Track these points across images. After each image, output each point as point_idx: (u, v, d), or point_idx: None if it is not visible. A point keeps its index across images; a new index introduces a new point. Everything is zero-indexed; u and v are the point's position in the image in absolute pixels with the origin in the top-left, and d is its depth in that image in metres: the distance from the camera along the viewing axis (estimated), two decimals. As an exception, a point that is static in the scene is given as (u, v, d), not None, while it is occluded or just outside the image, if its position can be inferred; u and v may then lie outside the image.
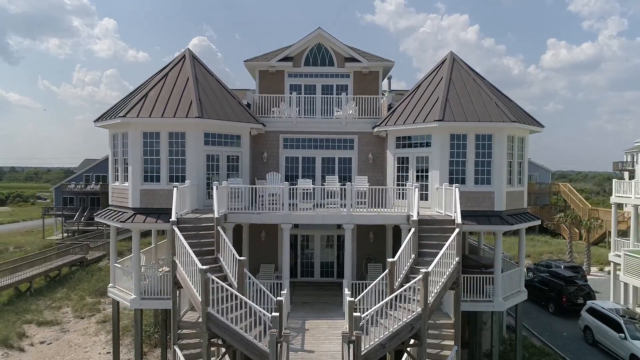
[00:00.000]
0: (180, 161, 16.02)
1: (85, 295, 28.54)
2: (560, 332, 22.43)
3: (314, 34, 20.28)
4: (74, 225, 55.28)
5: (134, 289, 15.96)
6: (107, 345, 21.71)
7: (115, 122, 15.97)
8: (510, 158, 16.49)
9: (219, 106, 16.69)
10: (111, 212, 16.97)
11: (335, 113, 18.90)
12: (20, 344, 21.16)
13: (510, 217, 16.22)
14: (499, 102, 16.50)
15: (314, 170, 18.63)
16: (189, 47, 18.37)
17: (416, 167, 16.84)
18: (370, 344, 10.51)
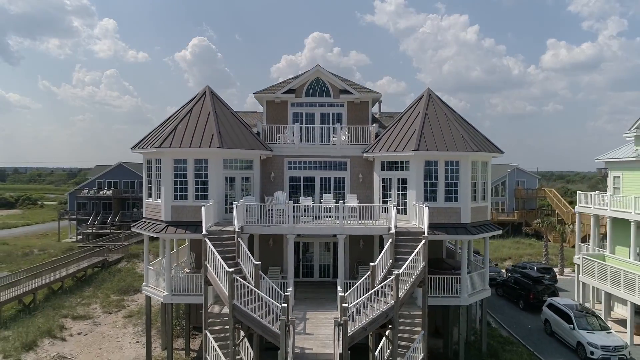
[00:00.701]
0: (204, 182, 19.60)
1: (109, 293, 32.03)
2: (525, 325, 25.99)
3: (314, 70, 23.83)
4: (89, 229, 58.83)
5: (166, 287, 19.52)
6: (135, 336, 25.25)
7: (151, 151, 19.55)
8: (474, 179, 20.07)
9: (235, 137, 20.28)
10: (146, 223, 20.56)
11: (331, 139, 22.49)
12: (61, 335, 24.71)
13: (473, 228, 19.78)
14: (465, 133, 20.08)
15: (314, 187, 22.22)
16: (209, 86, 21.98)
17: (397, 187, 20.43)
18: (355, 327, 14.09)
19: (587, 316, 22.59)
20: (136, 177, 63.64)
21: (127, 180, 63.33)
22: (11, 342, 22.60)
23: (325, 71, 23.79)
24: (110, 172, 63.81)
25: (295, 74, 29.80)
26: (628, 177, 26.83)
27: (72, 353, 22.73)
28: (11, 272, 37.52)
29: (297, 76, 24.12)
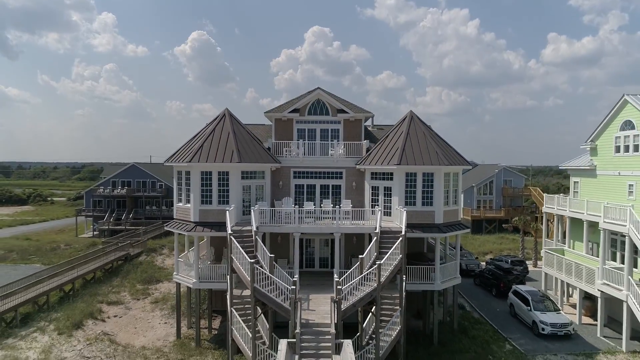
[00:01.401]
0: (225, 190, 24.01)
1: (135, 283, 36.43)
2: (495, 309, 30.49)
3: (315, 93, 28.15)
4: (105, 226, 63.29)
5: (194, 275, 23.97)
6: (163, 318, 29.71)
7: (182, 164, 23.95)
8: (446, 187, 24.49)
9: (251, 152, 24.68)
10: (177, 223, 24.99)
11: (330, 152, 26.88)
12: (101, 316, 29.19)
13: (445, 227, 24.22)
14: (439, 150, 24.50)
15: (315, 193, 26.66)
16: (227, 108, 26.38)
17: (384, 193, 24.85)
18: (347, 304, 18.54)
19: (542, 300, 27.08)
20: (148, 176, 68.13)
21: (140, 180, 67.75)
22: (62, 321, 27.05)
23: (324, 94, 28.11)
24: (124, 172, 68.20)
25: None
26: (585, 183, 31.26)
27: (113, 331, 27.21)
28: (44, 264, 42.13)
29: (301, 97, 28.44)
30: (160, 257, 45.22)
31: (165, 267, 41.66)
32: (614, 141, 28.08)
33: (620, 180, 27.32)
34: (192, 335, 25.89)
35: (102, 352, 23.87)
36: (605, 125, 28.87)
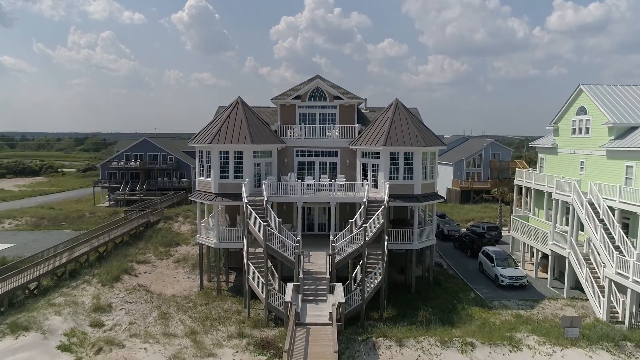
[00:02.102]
0: (240, 167, 28.85)
1: (157, 246, 41.66)
2: (467, 267, 35.80)
3: (315, 82, 32.53)
4: (120, 196, 68.45)
5: (216, 237, 29.09)
6: (186, 274, 35.01)
7: (204, 145, 28.74)
8: (424, 164, 29.30)
9: (260, 135, 29.41)
10: (200, 194, 29.95)
11: (327, 134, 31.57)
12: (134, 272, 34.53)
13: (422, 198, 29.18)
14: (419, 133, 29.20)
15: (315, 169, 31.51)
16: (240, 97, 30.93)
17: (372, 169, 29.70)
18: (339, 257, 23.67)
19: (505, 259, 32.32)
20: (159, 150, 72.85)
21: (151, 153, 72.50)
22: (103, 276, 32.34)
23: (323, 82, 32.53)
24: (136, 146, 72.87)
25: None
26: (549, 159, 36.07)
27: (145, 284, 32.57)
28: (74, 230, 47.40)
29: (303, 85, 32.85)
30: (177, 224, 50.44)
31: (181, 232, 46.90)
32: (571, 124, 32.73)
33: (575, 158, 32.12)
34: (212, 287, 31.25)
35: (141, 298, 29.23)
36: (565, 109, 33.45)
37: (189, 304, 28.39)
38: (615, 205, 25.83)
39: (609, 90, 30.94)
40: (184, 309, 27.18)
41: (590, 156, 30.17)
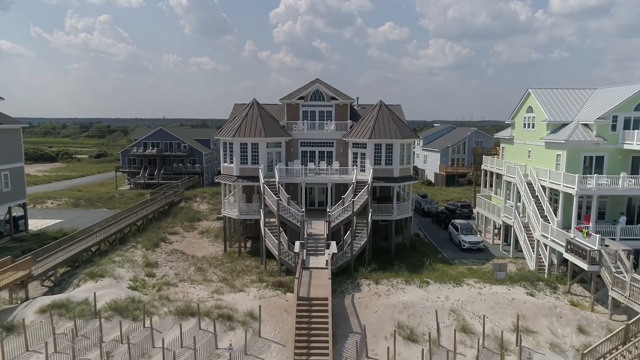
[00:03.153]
0: (256, 155, 36.60)
1: (183, 221, 49.53)
2: (440, 236, 43.78)
3: (315, 85, 40.09)
4: (140, 179, 76.32)
5: (237, 210, 36.98)
6: (210, 242, 42.93)
7: (228, 138, 36.48)
8: (402, 153, 37.04)
9: (272, 129, 37.12)
10: (224, 177, 37.78)
11: (325, 128, 39.25)
12: (169, 240, 42.46)
13: (400, 179, 36.99)
14: (397, 128, 36.89)
15: (315, 157, 39.29)
16: (255, 99, 38.57)
17: (360, 157, 37.46)
18: (334, 224, 31.62)
19: (468, 228, 40.29)
20: (173, 139, 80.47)
21: (167, 142, 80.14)
22: (145, 242, 40.23)
23: (322, 86, 40.09)
24: (153, 135, 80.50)
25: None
26: (508, 148, 43.80)
27: (179, 249, 40.54)
28: (108, 209, 55.34)
29: (305, 87, 40.41)
30: (196, 204, 58.36)
31: (201, 210, 54.82)
32: (522, 120, 40.41)
33: (525, 147, 39.84)
34: (234, 250, 39.23)
35: (179, 258, 37.21)
36: (519, 108, 41.10)
37: (217, 262, 36.34)
38: (546, 185, 33.72)
39: (550, 93, 38.57)
40: (215, 265, 35.14)
41: (535, 146, 37.90)
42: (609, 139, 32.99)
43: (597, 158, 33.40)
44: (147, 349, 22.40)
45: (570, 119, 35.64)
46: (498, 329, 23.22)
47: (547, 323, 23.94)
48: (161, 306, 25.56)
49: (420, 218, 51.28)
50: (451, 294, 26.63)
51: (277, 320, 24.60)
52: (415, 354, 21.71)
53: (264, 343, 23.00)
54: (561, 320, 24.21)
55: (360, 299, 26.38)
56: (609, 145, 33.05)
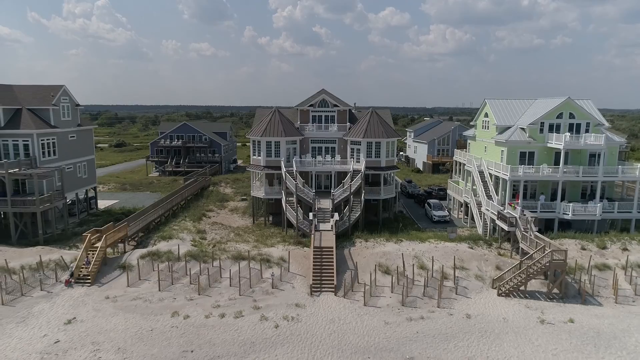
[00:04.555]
0: (278, 150, 48.80)
1: (214, 201, 61.80)
2: (418, 213, 56.16)
3: (322, 95, 52.10)
4: (169, 167, 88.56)
5: (264, 192, 49.30)
6: (239, 217, 55.29)
7: (257, 137, 48.68)
8: (387, 149, 49.22)
9: (289, 130, 49.28)
10: (253, 167, 50.08)
11: (329, 129, 51.37)
12: (208, 216, 54.75)
13: (386, 168, 49.23)
14: (384, 130, 49.01)
15: (322, 151, 51.47)
16: (277, 108, 50.66)
17: (356, 151, 49.64)
18: (336, 201, 43.94)
19: (439, 206, 52.66)
20: (196, 132, 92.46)
21: (190, 134, 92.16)
22: (191, 217, 52.51)
23: (327, 96, 52.05)
24: (178, 129, 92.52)
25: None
26: (472, 144, 55.94)
27: (217, 221, 52.90)
28: (151, 192, 67.64)
29: (314, 97, 52.36)
30: (221, 188, 70.72)
31: (227, 193, 67.18)
32: (481, 122, 52.48)
33: (482, 144, 51.95)
34: (260, 222, 51.55)
35: (220, 228, 49.48)
36: (479, 113, 53.14)
37: (249, 230, 48.68)
38: (493, 173, 45.95)
39: (501, 102, 50.59)
40: (248, 232, 47.46)
41: (489, 143, 50.01)
42: (537, 139, 45.16)
43: (529, 153, 45.62)
44: (217, 279, 34.85)
45: (512, 123, 47.76)
46: (443, 266, 35.63)
47: (476, 264, 36.39)
48: (221, 254, 38.00)
49: (405, 199, 63.62)
50: (416, 247, 39.05)
51: (299, 262, 37.06)
52: (388, 281, 34.15)
53: (291, 275, 35.45)
54: (486, 262, 36.66)
55: (354, 250, 38.83)
56: (538, 144, 45.23)
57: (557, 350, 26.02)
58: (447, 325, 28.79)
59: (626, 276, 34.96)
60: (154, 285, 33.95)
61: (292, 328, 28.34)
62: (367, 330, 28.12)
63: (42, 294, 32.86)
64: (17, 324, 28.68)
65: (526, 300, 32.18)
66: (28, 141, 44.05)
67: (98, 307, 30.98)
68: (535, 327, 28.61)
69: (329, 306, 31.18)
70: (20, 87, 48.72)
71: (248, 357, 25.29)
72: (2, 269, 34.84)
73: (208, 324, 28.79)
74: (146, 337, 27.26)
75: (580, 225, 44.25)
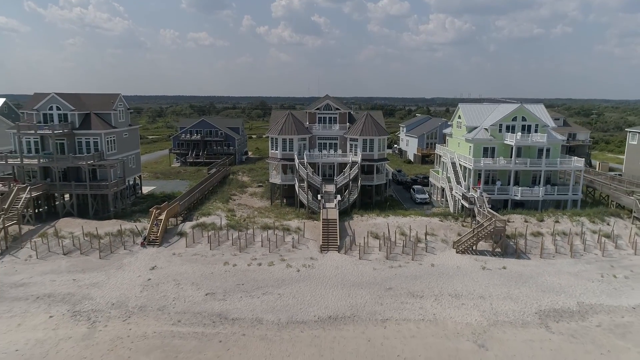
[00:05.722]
0: (291, 145, 60.99)
1: (236, 187, 74.07)
2: (405, 197, 68.52)
3: (326, 100, 64.17)
4: (190, 159, 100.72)
5: (280, 179, 61.60)
6: (258, 200, 67.57)
7: (274, 135, 60.89)
8: (379, 144, 61.43)
9: (301, 129, 61.46)
10: (272, 159, 62.33)
11: (332, 128, 63.51)
12: (233, 199, 66.95)
13: (377, 160, 61.47)
14: (376, 129, 61.19)
15: (327, 146, 63.68)
16: (290, 111, 62.74)
17: (354, 147, 61.86)
18: (338, 185, 56.27)
19: (421, 190, 65.03)
20: (213, 127, 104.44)
21: (208, 129, 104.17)
22: (220, 200, 64.66)
23: (330, 101, 64.14)
24: (197, 124, 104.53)
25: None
26: (450, 141, 68.18)
27: (242, 203, 65.16)
28: (181, 180, 79.87)
29: (320, 101, 64.49)
30: (239, 177, 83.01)
31: (245, 181, 79.47)
32: (456, 123, 64.66)
33: (457, 140, 64.15)
34: (277, 204, 63.82)
35: (245, 207, 61.68)
36: (455, 114, 65.29)
37: (268, 210, 60.95)
38: (462, 164, 58.26)
39: (471, 106, 62.68)
40: (268, 211, 59.71)
41: (461, 140, 62.18)
42: (497, 137, 57.38)
43: (491, 148, 57.86)
44: (251, 242, 47.20)
45: (479, 124, 59.96)
46: (417, 233, 47.98)
47: (444, 231, 48.82)
48: (252, 225, 50.36)
49: (395, 186, 75.91)
50: (399, 220, 51.45)
51: (311, 230, 49.44)
52: (377, 243, 46.56)
53: (306, 239, 47.83)
54: (451, 230, 49.09)
55: (352, 222, 51.22)
56: (497, 141, 57.46)
57: (489, 284, 38.53)
58: (417, 270, 41.28)
59: (553, 240, 47.40)
60: (205, 246, 46.34)
61: (309, 272, 40.81)
62: (361, 273, 40.62)
63: (125, 252, 45.25)
64: (117, 270, 41.12)
65: (476, 256, 44.66)
66: (97, 139, 56.15)
67: (169, 260, 43.41)
68: (478, 271, 41.12)
69: (334, 259, 43.65)
70: (86, 96, 60.74)
71: (280, 288, 37.74)
72: (93, 235, 47.23)
73: (250, 269, 41.27)
74: (209, 277, 39.73)
75: (530, 204, 56.60)
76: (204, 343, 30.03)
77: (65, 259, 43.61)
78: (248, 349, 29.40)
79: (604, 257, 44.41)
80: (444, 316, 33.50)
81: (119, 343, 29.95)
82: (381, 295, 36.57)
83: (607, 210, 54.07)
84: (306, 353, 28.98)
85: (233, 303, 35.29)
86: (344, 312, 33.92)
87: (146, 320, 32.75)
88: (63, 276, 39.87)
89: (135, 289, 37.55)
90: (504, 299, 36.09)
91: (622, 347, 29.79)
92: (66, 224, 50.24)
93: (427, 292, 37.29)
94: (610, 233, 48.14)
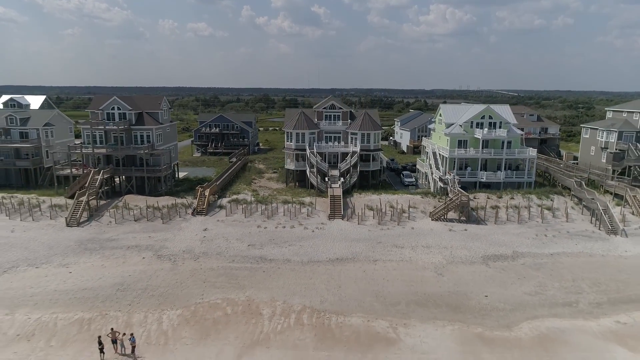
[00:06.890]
0: (303, 138, 75.21)
1: (254, 173, 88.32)
2: (396, 180, 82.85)
3: (331, 101, 78.29)
4: (210, 149, 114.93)
5: (294, 165, 75.89)
6: (275, 183, 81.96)
7: (289, 130, 75.13)
8: (375, 137, 75.67)
9: (311, 125, 75.67)
10: (287, 149, 76.63)
11: (336, 124, 77.71)
12: (253, 182, 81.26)
13: (373, 150, 75.75)
14: (372, 124, 75.42)
15: (332, 139, 77.95)
16: (302, 111, 76.89)
17: (354, 139, 76.09)
18: (341, 169, 70.61)
19: (408, 175, 79.43)
20: (230, 122, 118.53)
21: (225, 123, 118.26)
22: (244, 182, 78.90)
23: (335, 101, 78.26)
24: (215, 119, 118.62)
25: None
26: (433, 134, 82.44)
27: (261, 185, 79.46)
28: (207, 167, 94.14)
29: (326, 101, 78.63)
30: (256, 164, 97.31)
31: (261, 168, 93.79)
32: (438, 120, 78.87)
33: (439, 134, 78.31)
34: (291, 186, 78.12)
35: (265, 188, 75.87)
36: (437, 112, 79.48)
37: (284, 190, 75.17)
38: (441, 153, 72.60)
39: (450, 106, 76.81)
40: (284, 191, 73.95)
41: (441, 134, 76.36)
42: (469, 132, 71.64)
43: (465, 141, 72.14)
44: (275, 212, 61.55)
45: (455, 121, 74.18)
46: (403, 206, 62.36)
47: (423, 205, 63.26)
48: (275, 200, 64.72)
49: (389, 172, 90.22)
50: (389, 197, 65.87)
51: (320, 204, 63.84)
52: (371, 213, 61.00)
53: (317, 210, 62.22)
54: (429, 205, 63.52)
55: (352, 199, 65.65)
56: (469, 135, 71.72)
57: (452, 240, 53.03)
58: (400, 232, 55.75)
59: (506, 212, 61.83)
60: (240, 215, 60.76)
61: (321, 232, 55.28)
62: (359, 233, 55.12)
63: (180, 219, 59.66)
64: (178, 231, 55.57)
65: (446, 222, 59.09)
66: (149, 132, 70.33)
67: (215, 224, 57.84)
68: (446, 232, 55.59)
69: (339, 224, 58.11)
70: (137, 97, 74.87)
71: (301, 242, 52.19)
72: (154, 207, 61.64)
73: (277, 230, 55.74)
74: (248, 235, 54.20)
75: (495, 185, 70.93)
76: (253, 272, 44.58)
77: (137, 224, 58.05)
78: (283, 275, 43.98)
79: (542, 224, 58.90)
80: (417, 258, 48.07)
81: (195, 272, 44.49)
82: (373, 246, 51.09)
83: (552, 190, 68.57)
84: (321, 278, 43.53)
85: (268, 250, 49.82)
86: (346, 256, 48.49)
87: (210, 259, 47.33)
88: (140, 234, 54.35)
89: (196, 242, 52.02)
90: (461, 249, 50.63)
91: (534, 275, 44.40)
92: (131, 199, 64.65)
93: (406, 244, 51.82)
94: (551, 206, 62.64)
